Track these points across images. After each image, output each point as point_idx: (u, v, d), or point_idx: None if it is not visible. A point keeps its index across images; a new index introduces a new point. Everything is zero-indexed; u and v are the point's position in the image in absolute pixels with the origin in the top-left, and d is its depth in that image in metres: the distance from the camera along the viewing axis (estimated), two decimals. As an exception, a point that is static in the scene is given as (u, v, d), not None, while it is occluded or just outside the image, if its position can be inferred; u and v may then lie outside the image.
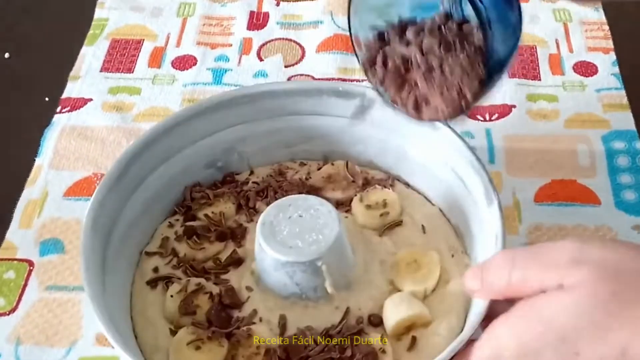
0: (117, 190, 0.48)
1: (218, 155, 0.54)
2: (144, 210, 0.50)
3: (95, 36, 0.72)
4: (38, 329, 0.51)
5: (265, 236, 0.46)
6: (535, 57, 0.69)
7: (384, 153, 0.54)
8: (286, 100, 0.53)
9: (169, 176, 0.52)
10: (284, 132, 0.55)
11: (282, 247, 0.45)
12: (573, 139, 0.61)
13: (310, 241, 0.45)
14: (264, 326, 0.46)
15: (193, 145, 0.53)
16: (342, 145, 0.55)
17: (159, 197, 0.52)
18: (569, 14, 0.73)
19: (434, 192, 0.53)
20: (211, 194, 0.53)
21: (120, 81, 0.68)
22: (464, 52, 0.42)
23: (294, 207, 0.47)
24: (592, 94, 0.65)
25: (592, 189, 0.58)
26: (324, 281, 0.46)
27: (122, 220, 0.49)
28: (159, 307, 0.47)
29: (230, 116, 0.53)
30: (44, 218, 0.57)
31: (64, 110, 0.65)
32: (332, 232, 0.45)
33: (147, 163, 0.50)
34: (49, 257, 0.55)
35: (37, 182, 0.60)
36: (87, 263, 0.44)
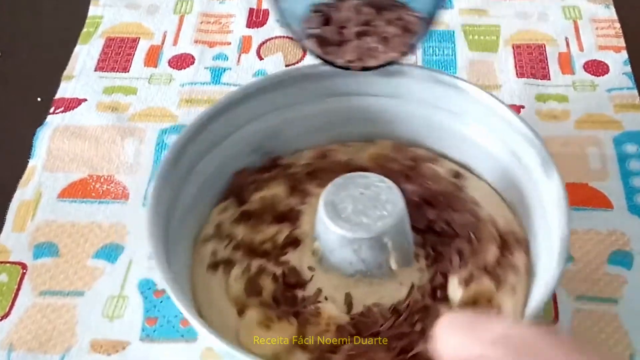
0: (171, 179, 0.49)
1: (263, 140, 0.55)
2: (197, 197, 0.52)
3: (90, 34, 0.74)
4: (31, 335, 0.52)
5: (330, 215, 0.47)
6: (544, 55, 0.70)
7: (428, 130, 0.56)
8: (326, 81, 0.54)
9: (217, 162, 0.53)
10: (326, 115, 0.56)
11: (348, 224, 0.47)
12: (584, 140, 0.62)
13: (375, 217, 0.47)
14: (330, 304, 0.48)
15: (239, 131, 0.54)
16: (384, 124, 0.56)
17: (210, 184, 0.53)
18: (579, 12, 0.74)
19: (484, 168, 0.55)
20: (260, 179, 0.54)
21: (116, 81, 0.69)
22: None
23: (354, 185, 0.49)
24: (603, 94, 0.66)
25: (604, 193, 0.59)
26: (389, 257, 0.48)
27: (178, 208, 0.50)
28: (221, 290, 0.49)
29: (274, 100, 0.54)
30: (38, 221, 0.58)
31: (57, 111, 0.66)
32: (395, 208, 0.47)
33: (197, 150, 0.52)
34: (42, 260, 0.56)
35: (30, 184, 0.61)
36: (158, 257, 0.45)
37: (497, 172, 0.54)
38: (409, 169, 0.54)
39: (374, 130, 0.57)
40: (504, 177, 0.53)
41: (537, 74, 0.68)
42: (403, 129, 0.56)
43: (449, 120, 0.55)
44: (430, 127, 0.56)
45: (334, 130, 0.57)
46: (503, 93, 0.67)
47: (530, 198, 0.51)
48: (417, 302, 0.47)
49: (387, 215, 0.47)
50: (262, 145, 0.55)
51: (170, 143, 0.60)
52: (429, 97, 0.54)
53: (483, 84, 0.67)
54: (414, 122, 0.56)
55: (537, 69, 0.69)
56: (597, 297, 0.53)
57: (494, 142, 0.53)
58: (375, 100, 0.56)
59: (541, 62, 0.69)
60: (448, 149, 0.56)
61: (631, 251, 0.55)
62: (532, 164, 0.50)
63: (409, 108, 0.55)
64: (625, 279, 0.54)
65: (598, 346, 0.51)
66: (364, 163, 0.55)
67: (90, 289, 0.54)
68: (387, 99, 0.55)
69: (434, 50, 0.71)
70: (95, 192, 0.60)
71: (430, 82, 0.53)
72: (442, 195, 0.52)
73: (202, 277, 0.50)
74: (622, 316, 0.52)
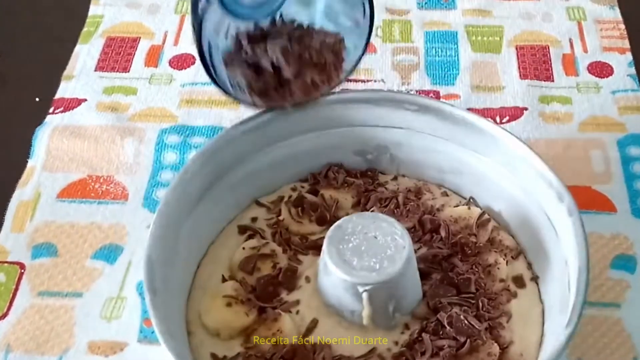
0: (257, 132, 0.52)
1: (370, 148, 0.56)
2: (275, 164, 0.55)
3: (90, 34, 0.74)
4: (29, 335, 0.52)
5: (330, 239, 0.47)
6: (548, 57, 0.70)
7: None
8: (453, 125, 0.53)
9: (317, 145, 0.56)
10: (439, 156, 0.55)
11: (337, 256, 0.46)
12: (587, 143, 0.63)
13: (366, 265, 0.46)
14: (293, 319, 0.48)
15: (350, 128, 0.55)
16: (485, 190, 0.55)
17: (299, 160, 0.56)
18: (583, 13, 0.74)
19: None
20: (341, 179, 0.56)
21: (116, 81, 0.69)
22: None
23: (376, 225, 0.48)
24: (608, 95, 0.66)
25: (607, 196, 0.59)
26: (363, 309, 0.46)
27: (248, 163, 0.53)
28: (231, 251, 0.52)
29: (393, 116, 0.55)
30: (37, 221, 0.59)
31: (57, 111, 0.67)
32: (391, 269, 0.46)
33: (302, 122, 0.54)
34: (41, 260, 0.56)
35: (29, 184, 0.61)
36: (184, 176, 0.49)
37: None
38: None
39: (477, 190, 0.55)
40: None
41: (540, 75, 0.68)
42: (498, 206, 0.55)
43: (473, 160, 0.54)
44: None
45: (444, 174, 0.56)
46: (506, 95, 0.67)
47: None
48: None
49: (377, 269, 0.46)
50: (367, 152, 0.57)
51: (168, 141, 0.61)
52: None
53: (486, 85, 0.68)
54: (504, 198, 0.54)
55: (541, 71, 0.69)
56: (599, 302, 0.53)
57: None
58: (479, 160, 0.54)
59: (545, 64, 0.69)
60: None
61: (634, 255, 0.55)
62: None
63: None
64: (629, 283, 0.54)
65: (601, 350, 0.51)
66: (442, 217, 0.53)
67: (89, 290, 0.54)
68: (490, 160, 0.54)
69: (437, 51, 0.71)
70: (94, 193, 0.60)
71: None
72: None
73: (228, 233, 0.54)
74: (625, 321, 0.52)
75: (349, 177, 0.56)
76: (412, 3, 0.75)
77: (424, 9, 0.75)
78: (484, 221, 0.53)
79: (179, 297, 0.49)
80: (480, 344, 0.46)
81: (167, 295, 0.46)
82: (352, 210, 0.54)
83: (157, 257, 0.46)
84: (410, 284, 0.48)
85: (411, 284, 0.48)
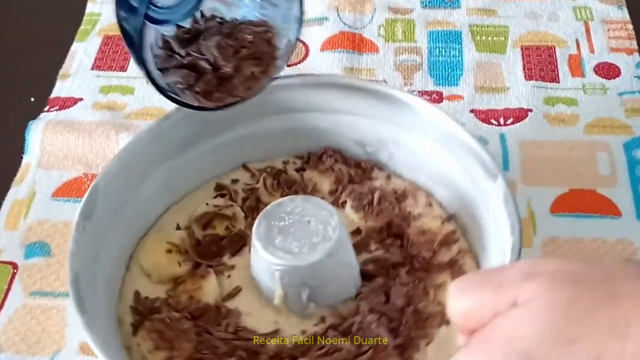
0: (258, 100, 0.52)
1: (370, 141, 0.57)
2: (272, 135, 0.57)
3: (87, 32, 0.75)
4: (19, 336, 0.53)
5: (266, 212, 0.49)
6: (553, 58, 0.70)
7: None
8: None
9: (318, 126, 0.57)
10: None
11: (265, 231, 0.48)
12: (593, 145, 0.63)
13: (287, 246, 0.47)
14: (223, 282, 0.51)
15: (353, 116, 0.56)
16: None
17: (298, 136, 0.58)
18: (590, 13, 0.74)
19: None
20: (328, 164, 0.57)
21: (113, 80, 0.70)
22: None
23: (315, 212, 0.48)
24: (614, 97, 0.67)
25: (612, 200, 0.59)
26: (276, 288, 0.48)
27: (243, 127, 0.56)
28: (198, 203, 0.55)
29: (394, 113, 0.55)
30: (31, 219, 0.59)
31: (52, 110, 0.68)
32: (308, 257, 0.46)
33: (304, 100, 0.56)
34: (34, 260, 0.57)
35: (24, 182, 0.62)
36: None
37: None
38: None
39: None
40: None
41: (546, 76, 0.69)
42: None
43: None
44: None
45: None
46: (510, 96, 0.67)
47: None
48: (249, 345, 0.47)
49: (297, 254, 0.46)
50: (367, 144, 0.57)
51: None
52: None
53: (490, 86, 0.68)
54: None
55: (546, 72, 0.69)
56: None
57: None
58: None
59: (550, 64, 0.70)
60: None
61: (639, 260, 0.56)
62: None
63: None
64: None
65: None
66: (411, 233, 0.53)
67: (82, 291, 0.55)
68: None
69: (440, 51, 0.72)
70: (89, 192, 0.61)
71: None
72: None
73: (205, 185, 0.57)
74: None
75: (340, 165, 0.57)
76: (416, 2, 0.76)
77: (428, 8, 0.76)
78: (450, 241, 0.53)
79: (129, 235, 0.53)
80: (382, 357, 0.46)
81: (116, 226, 0.51)
82: (327, 196, 0.56)
83: (111, 184, 0.50)
84: (332, 278, 0.48)
85: (333, 278, 0.48)
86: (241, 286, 0.50)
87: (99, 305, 0.47)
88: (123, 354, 0.47)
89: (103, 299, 0.48)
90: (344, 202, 0.55)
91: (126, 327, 0.49)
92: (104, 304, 0.48)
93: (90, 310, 0.44)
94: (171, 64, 0.48)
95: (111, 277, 0.50)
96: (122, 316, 0.50)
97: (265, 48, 0.50)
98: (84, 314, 0.44)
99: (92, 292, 0.46)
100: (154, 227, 0.55)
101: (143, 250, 0.53)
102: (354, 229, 0.53)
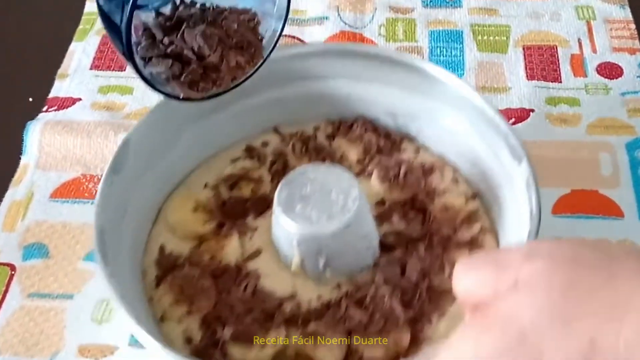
0: (294, 61, 0.55)
1: (401, 112, 0.58)
2: (306, 100, 0.58)
3: (85, 31, 0.75)
4: (18, 338, 0.53)
5: (289, 180, 0.50)
6: (555, 57, 0.70)
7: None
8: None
9: (351, 94, 0.58)
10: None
11: (286, 197, 0.49)
12: (595, 146, 0.63)
13: (306, 214, 0.48)
14: (245, 244, 0.52)
15: (386, 86, 0.57)
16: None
17: (333, 103, 0.58)
18: (592, 12, 0.74)
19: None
20: (358, 132, 0.58)
21: (112, 80, 0.70)
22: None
23: (338, 182, 0.49)
24: (617, 97, 0.67)
25: (614, 201, 0.60)
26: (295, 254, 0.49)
27: (276, 90, 0.57)
28: (227, 163, 0.57)
29: (423, 87, 0.56)
30: (29, 221, 0.60)
31: (50, 110, 0.68)
32: (325, 226, 0.47)
33: (337, 66, 0.56)
34: (32, 261, 0.57)
35: (22, 183, 0.62)
36: None
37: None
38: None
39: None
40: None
41: (548, 76, 0.69)
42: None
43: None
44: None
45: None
46: (512, 96, 0.67)
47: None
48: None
49: (316, 222, 0.47)
50: (396, 115, 0.58)
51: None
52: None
53: (491, 86, 0.68)
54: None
55: (548, 71, 0.69)
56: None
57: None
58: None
59: (552, 64, 0.70)
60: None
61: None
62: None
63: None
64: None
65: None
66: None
67: (80, 292, 0.55)
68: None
69: (441, 50, 0.72)
70: (88, 193, 0.61)
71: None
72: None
73: (237, 148, 0.58)
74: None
75: (370, 134, 0.58)
76: (417, 1, 0.76)
77: (429, 7, 0.76)
78: (472, 219, 0.53)
79: (158, 191, 0.55)
80: (392, 329, 0.47)
81: (144, 181, 0.52)
82: (354, 165, 0.57)
83: (142, 140, 0.52)
84: (348, 248, 0.49)
85: (350, 248, 0.49)
86: (262, 248, 0.52)
87: (124, 258, 0.49)
88: (144, 304, 0.49)
89: (129, 251, 0.50)
90: (370, 172, 0.56)
91: (150, 279, 0.51)
92: (129, 256, 0.50)
93: (114, 261, 0.46)
94: (154, 52, 0.47)
95: (137, 231, 0.52)
96: (146, 269, 0.52)
97: (251, 37, 0.49)
98: (107, 266, 0.45)
99: (117, 244, 0.48)
100: (182, 184, 0.56)
101: (170, 207, 0.55)
102: (379, 200, 0.54)
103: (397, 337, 0.47)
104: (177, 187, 0.56)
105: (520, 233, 0.47)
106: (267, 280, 0.50)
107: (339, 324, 0.47)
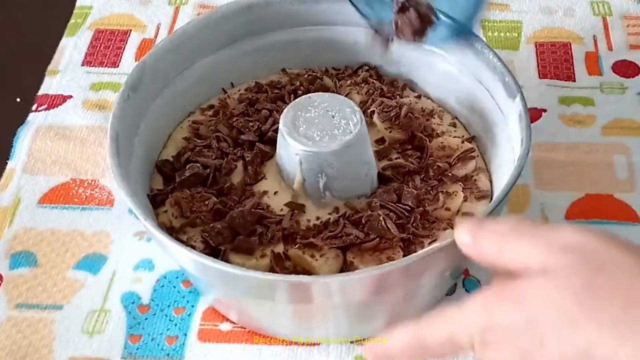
0: (304, 5, 0.61)
1: (403, 60, 0.62)
2: (313, 44, 0.62)
3: (77, 26, 0.74)
4: (4, 351, 0.53)
5: (295, 104, 0.54)
6: (569, 55, 0.70)
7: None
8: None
9: (358, 41, 0.61)
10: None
11: (291, 119, 0.53)
12: (610, 148, 0.63)
13: (309, 134, 0.52)
14: (248, 167, 0.56)
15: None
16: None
17: (339, 49, 0.63)
18: (608, 7, 0.74)
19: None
20: (362, 77, 0.62)
21: (104, 76, 0.70)
22: None
23: (340, 107, 0.53)
24: (633, 97, 0.66)
25: (630, 205, 0.59)
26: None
27: (286, 33, 0.62)
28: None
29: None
30: (16, 228, 0.59)
31: (40, 109, 0.67)
32: (326, 145, 0.51)
33: (343, 13, 0.60)
34: (19, 270, 0.57)
35: (8, 188, 0.62)
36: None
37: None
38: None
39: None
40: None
41: (561, 74, 0.68)
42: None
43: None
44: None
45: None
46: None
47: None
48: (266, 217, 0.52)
49: (316, 141, 0.51)
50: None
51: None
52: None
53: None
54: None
55: (561, 70, 0.69)
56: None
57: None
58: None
59: (566, 62, 0.69)
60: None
61: (659, 271, 0.55)
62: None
63: None
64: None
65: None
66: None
67: (70, 303, 0.55)
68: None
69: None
70: (78, 198, 0.61)
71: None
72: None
73: (245, 83, 0.63)
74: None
75: (374, 80, 0.62)
76: (424, -5, 0.76)
77: (437, 2, 0.75)
78: (467, 157, 0.57)
79: (170, 115, 0.59)
80: (386, 246, 0.51)
81: (159, 103, 0.57)
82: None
83: (158, 64, 0.57)
84: (348, 170, 0.53)
85: (349, 171, 0.53)
86: (266, 172, 0.56)
87: (135, 172, 0.53)
88: (151, 214, 0.52)
89: (140, 168, 0.55)
90: (372, 112, 0.59)
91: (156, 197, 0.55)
92: (140, 172, 0.54)
93: (125, 169, 0.51)
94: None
95: (148, 150, 0.57)
96: (153, 187, 0.56)
97: (426, 11, 0.52)
98: (119, 167, 0.49)
99: (128, 156, 0.53)
100: (194, 114, 0.61)
101: (180, 130, 0.59)
102: (379, 138, 0.58)
103: (390, 254, 0.50)
104: (189, 115, 0.61)
105: (513, 164, 0.51)
106: (269, 200, 0.54)
107: (336, 239, 0.51)
